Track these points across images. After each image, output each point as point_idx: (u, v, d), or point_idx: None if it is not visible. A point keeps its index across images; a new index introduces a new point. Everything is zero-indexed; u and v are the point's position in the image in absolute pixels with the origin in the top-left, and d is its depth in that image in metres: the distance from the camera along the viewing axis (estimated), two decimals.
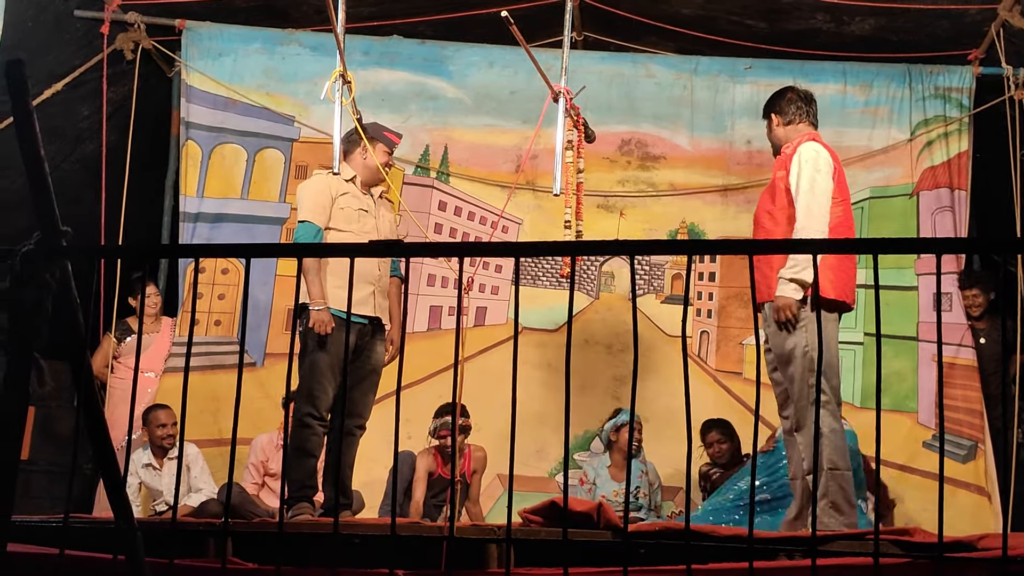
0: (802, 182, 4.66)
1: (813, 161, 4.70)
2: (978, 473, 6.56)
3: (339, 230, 5.16)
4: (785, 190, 4.76)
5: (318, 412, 5.03)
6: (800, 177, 4.68)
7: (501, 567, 3.88)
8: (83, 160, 7.18)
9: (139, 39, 7.13)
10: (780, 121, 5.00)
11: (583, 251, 4.60)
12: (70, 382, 6.53)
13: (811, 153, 4.73)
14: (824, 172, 4.69)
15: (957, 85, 7.16)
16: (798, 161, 4.72)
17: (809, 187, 4.64)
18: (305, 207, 5.18)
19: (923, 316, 6.91)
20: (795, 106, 4.99)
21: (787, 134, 4.97)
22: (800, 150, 4.77)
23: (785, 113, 4.99)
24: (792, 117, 4.98)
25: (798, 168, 4.70)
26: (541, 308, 7.06)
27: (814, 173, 4.66)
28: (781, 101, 5.03)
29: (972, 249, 7.14)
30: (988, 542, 3.75)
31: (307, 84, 7.17)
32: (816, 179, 4.65)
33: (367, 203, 5.31)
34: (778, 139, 5.02)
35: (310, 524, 4.73)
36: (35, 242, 2.45)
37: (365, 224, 5.23)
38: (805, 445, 4.59)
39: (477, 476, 6.35)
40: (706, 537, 3.99)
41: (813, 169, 4.67)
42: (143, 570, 2.61)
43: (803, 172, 4.68)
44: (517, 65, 7.16)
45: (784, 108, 5.00)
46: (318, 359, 5.01)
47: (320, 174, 5.33)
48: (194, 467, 6.29)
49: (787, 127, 4.98)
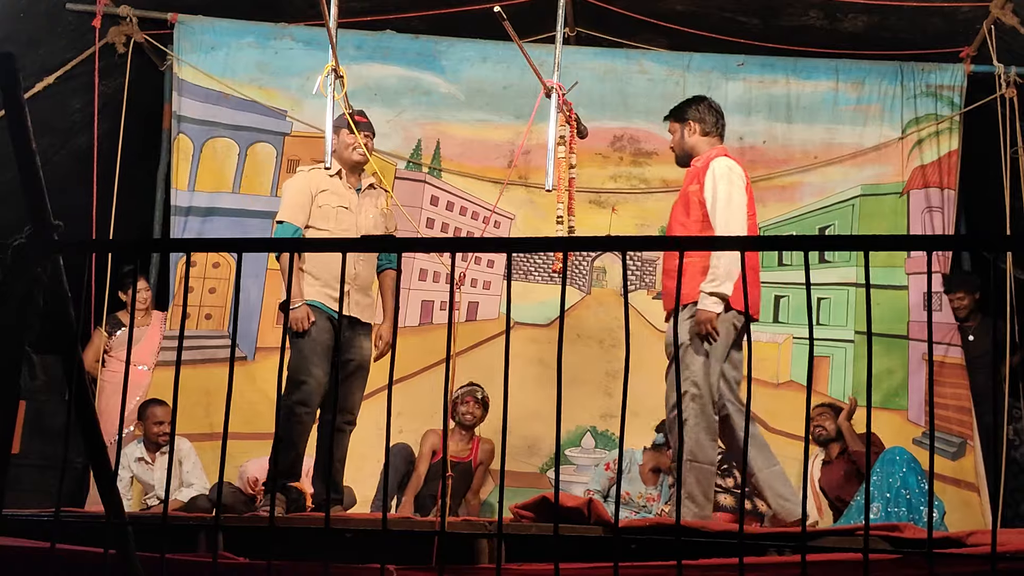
0: (719, 196, 4.76)
1: (728, 175, 4.79)
2: (967, 470, 6.59)
3: (316, 228, 5.14)
4: (700, 203, 4.84)
5: (305, 400, 5.01)
6: (716, 191, 4.77)
7: (492, 562, 3.89)
8: (74, 153, 7.16)
9: (131, 32, 7.12)
10: (699, 130, 5.05)
11: (575, 247, 4.61)
12: (61, 376, 6.52)
13: (724, 168, 4.82)
14: (738, 187, 4.80)
15: (948, 83, 7.18)
16: (712, 176, 4.81)
17: (726, 201, 4.74)
18: (283, 207, 5.18)
19: (913, 315, 6.94)
20: (714, 118, 5.06)
21: (700, 145, 5.03)
22: (713, 165, 4.84)
23: (705, 123, 5.05)
24: (711, 128, 5.05)
25: (713, 182, 4.80)
26: (533, 303, 7.07)
27: (729, 187, 4.77)
28: (702, 110, 5.07)
29: (962, 246, 7.17)
30: (977, 538, 3.77)
31: (299, 78, 7.17)
32: (732, 193, 4.77)
33: (349, 199, 5.24)
34: (690, 148, 5.06)
35: (302, 519, 4.73)
36: (26, 235, 2.45)
37: (343, 222, 5.17)
38: (674, 427, 4.72)
39: (483, 468, 6.38)
40: (696, 532, 4.00)
41: (728, 183, 4.77)
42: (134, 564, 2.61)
43: (719, 186, 4.77)
44: (510, 60, 7.16)
45: (705, 118, 5.06)
46: (301, 346, 5.00)
47: (303, 171, 5.30)
48: (186, 462, 6.28)
49: (703, 137, 5.04)
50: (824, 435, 6.23)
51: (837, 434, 6.21)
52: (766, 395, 6.77)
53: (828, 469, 6.24)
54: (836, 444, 6.22)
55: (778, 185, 7.28)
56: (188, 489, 6.20)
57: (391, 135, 7.32)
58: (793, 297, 7.12)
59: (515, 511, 4.37)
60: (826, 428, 6.23)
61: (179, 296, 6.92)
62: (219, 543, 3.78)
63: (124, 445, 6.16)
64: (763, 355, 6.91)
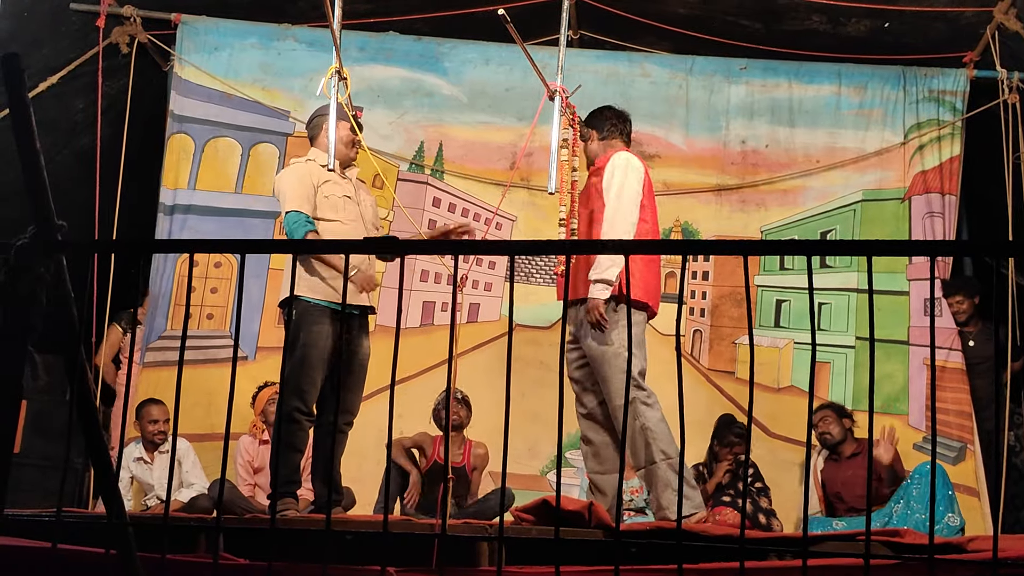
0: (612, 185, 5.00)
1: (624, 167, 5.04)
2: (967, 474, 6.59)
3: (327, 219, 5.02)
4: (598, 194, 5.05)
5: (305, 406, 4.97)
6: (612, 181, 5.01)
7: (492, 565, 3.88)
8: (78, 153, 7.16)
9: (135, 33, 7.13)
10: (596, 136, 5.30)
11: (577, 250, 4.61)
12: (63, 376, 6.52)
13: (622, 161, 5.08)
14: (632, 178, 5.02)
15: (951, 88, 7.19)
16: (611, 167, 5.05)
17: (619, 190, 4.98)
18: (290, 197, 5.00)
19: (914, 320, 6.94)
20: (611, 123, 5.32)
21: (602, 148, 5.28)
22: (613, 158, 5.09)
23: (601, 129, 5.30)
24: (607, 133, 5.29)
25: (610, 174, 5.03)
26: (534, 305, 7.06)
27: (623, 178, 5.00)
28: (599, 118, 5.35)
29: (965, 252, 7.17)
30: (978, 544, 3.77)
31: (302, 79, 7.18)
32: (624, 184, 4.99)
33: (348, 188, 5.16)
34: (593, 153, 5.33)
35: (302, 520, 4.72)
36: (30, 235, 2.45)
37: (351, 211, 5.11)
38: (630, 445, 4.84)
39: (477, 473, 6.34)
40: (697, 537, 4.00)
41: (623, 174, 5.01)
42: (135, 565, 2.61)
43: (615, 176, 5.02)
44: (513, 63, 7.17)
45: (600, 124, 5.32)
46: (307, 353, 4.92)
47: (298, 162, 5.21)
48: (185, 461, 6.28)
49: (602, 142, 5.30)
50: (830, 440, 6.23)
51: (843, 437, 6.21)
52: (766, 400, 6.78)
53: (836, 466, 6.23)
54: (848, 445, 6.22)
55: (780, 189, 7.29)
56: (188, 489, 6.20)
57: (394, 137, 7.32)
58: (794, 302, 7.12)
59: (516, 514, 4.37)
60: (831, 433, 6.23)
61: (181, 295, 6.93)
62: (219, 544, 3.78)
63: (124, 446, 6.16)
64: (764, 359, 6.92)
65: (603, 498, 4.98)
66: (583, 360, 5.07)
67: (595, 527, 4.09)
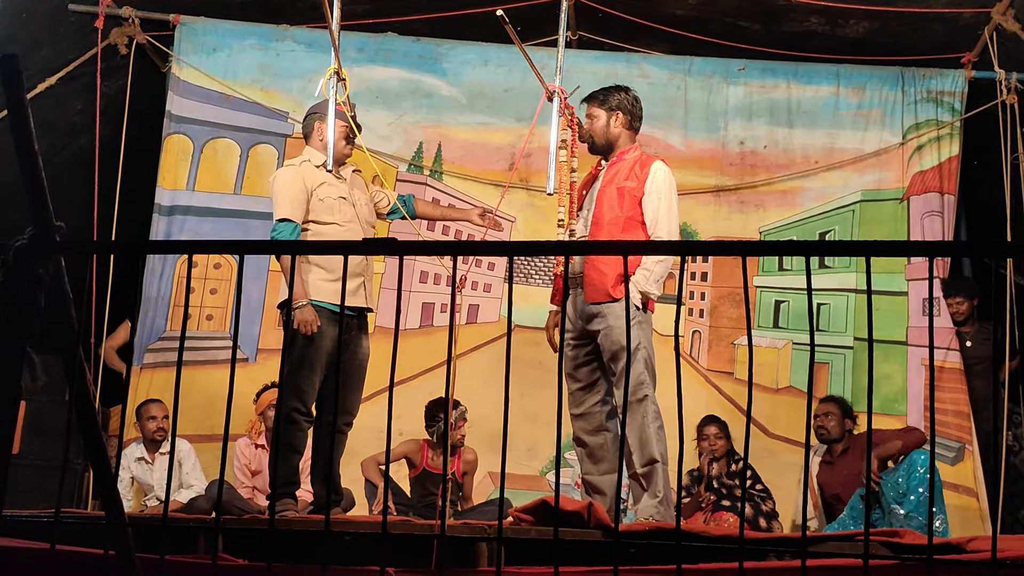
0: (662, 204, 4.89)
1: (671, 186, 4.95)
2: (966, 475, 6.60)
3: (323, 223, 4.99)
4: (635, 201, 4.91)
5: (304, 407, 4.96)
6: (661, 198, 4.90)
7: (491, 566, 3.88)
8: (76, 154, 7.16)
9: (133, 34, 7.14)
10: (624, 122, 5.06)
11: (577, 251, 4.61)
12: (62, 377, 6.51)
13: (668, 177, 4.95)
14: (675, 196, 4.98)
15: (949, 89, 7.20)
16: (656, 181, 4.91)
17: (668, 210, 4.90)
18: (282, 204, 4.97)
19: (912, 321, 6.94)
20: (639, 112, 5.09)
21: (624, 139, 5.06)
22: (656, 169, 4.94)
23: (633, 116, 5.07)
24: (637, 125, 5.10)
25: (658, 189, 4.90)
26: (533, 306, 7.05)
27: (671, 195, 4.93)
28: (629, 101, 5.08)
29: (964, 253, 7.17)
30: (977, 544, 3.76)
31: (301, 80, 7.18)
32: (672, 205, 4.93)
33: (343, 189, 5.12)
34: (613, 138, 5.05)
35: (301, 521, 4.71)
36: (28, 236, 2.44)
37: (346, 213, 5.07)
38: (635, 440, 4.76)
39: (468, 478, 6.34)
40: (696, 537, 4.00)
41: (670, 189, 4.94)
42: (133, 565, 2.61)
43: (663, 194, 4.91)
44: (511, 64, 7.17)
45: (632, 111, 5.07)
46: (306, 354, 4.89)
47: (292, 164, 5.18)
48: (186, 463, 6.28)
49: (628, 130, 5.07)
50: (826, 435, 6.23)
51: (840, 435, 6.21)
52: (765, 400, 6.78)
53: (829, 468, 6.23)
54: (839, 444, 6.21)
55: (779, 190, 7.30)
56: (187, 490, 6.20)
57: (392, 138, 7.33)
58: (793, 302, 7.12)
59: (514, 514, 4.36)
60: (828, 428, 6.22)
61: (180, 296, 6.92)
62: (218, 545, 3.78)
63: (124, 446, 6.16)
64: (763, 360, 6.92)
65: (602, 498, 4.97)
66: (585, 358, 5.04)
67: (594, 527, 4.09)
